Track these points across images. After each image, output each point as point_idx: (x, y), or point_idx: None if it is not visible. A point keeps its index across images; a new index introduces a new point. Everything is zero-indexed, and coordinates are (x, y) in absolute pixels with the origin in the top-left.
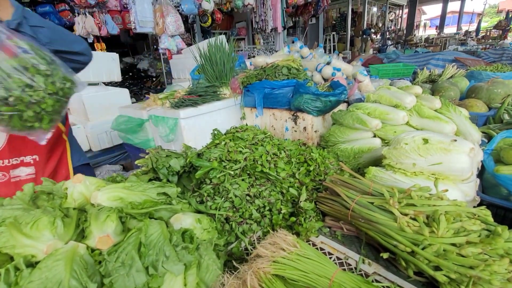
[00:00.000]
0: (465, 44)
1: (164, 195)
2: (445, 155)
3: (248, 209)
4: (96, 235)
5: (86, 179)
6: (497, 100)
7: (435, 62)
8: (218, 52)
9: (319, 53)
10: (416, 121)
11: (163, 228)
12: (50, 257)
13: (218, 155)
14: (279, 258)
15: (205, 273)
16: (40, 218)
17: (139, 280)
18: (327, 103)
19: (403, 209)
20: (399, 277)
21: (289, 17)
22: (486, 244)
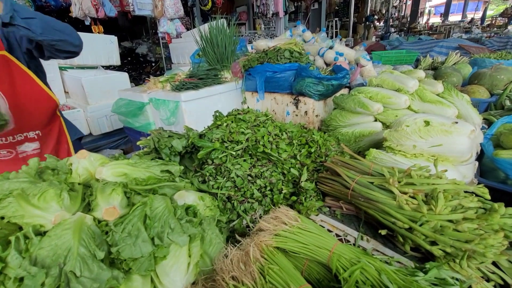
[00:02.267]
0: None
1: (167, 172)
2: (445, 137)
3: (249, 189)
4: (103, 206)
5: (90, 155)
6: (499, 86)
7: (438, 50)
8: (220, 34)
9: (321, 38)
10: (418, 105)
11: (168, 203)
12: (59, 226)
13: (220, 136)
14: (280, 232)
15: (209, 246)
16: (47, 190)
17: (145, 249)
18: (329, 87)
19: (402, 188)
20: (396, 252)
21: (291, 2)
22: (482, 220)
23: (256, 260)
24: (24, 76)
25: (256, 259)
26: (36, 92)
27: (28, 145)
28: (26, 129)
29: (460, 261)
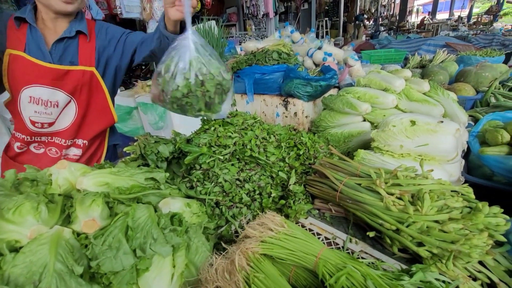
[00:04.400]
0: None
1: (152, 180)
2: (431, 136)
3: (238, 193)
4: (82, 219)
5: (71, 165)
6: (484, 83)
7: (426, 48)
8: (207, 37)
9: (310, 38)
10: (405, 104)
11: (151, 212)
12: (34, 241)
13: (207, 140)
14: (267, 238)
15: (195, 255)
16: (23, 203)
17: (126, 262)
18: (317, 88)
19: (389, 189)
20: (384, 254)
21: (281, 2)
22: (467, 219)
23: (241, 268)
24: (100, 92)
25: (241, 267)
26: (103, 109)
27: (73, 149)
28: (79, 136)
29: (446, 262)
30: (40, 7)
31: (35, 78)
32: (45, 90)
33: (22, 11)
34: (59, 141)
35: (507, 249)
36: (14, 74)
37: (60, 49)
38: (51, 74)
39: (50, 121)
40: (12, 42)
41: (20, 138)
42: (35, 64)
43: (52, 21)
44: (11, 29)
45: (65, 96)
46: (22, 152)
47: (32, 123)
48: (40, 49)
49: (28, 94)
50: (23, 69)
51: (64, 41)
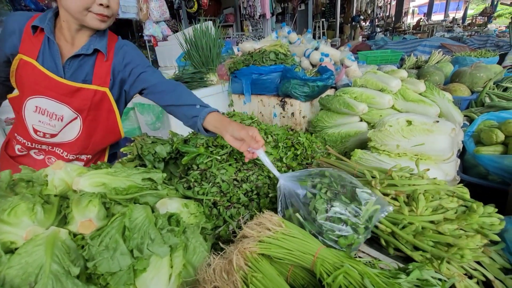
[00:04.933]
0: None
1: (149, 180)
2: (427, 136)
3: (235, 194)
4: (78, 220)
5: (67, 165)
6: (479, 84)
7: (422, 49)
8: (204, 37)
9: (307, 39)
10: (401, 104)
11: (148, 212)
12: (30, 242)
13: (204, 140)
14: (264, 238)
15: (192, 255)
16: (18, 204)
17: (123, 262)
18: (314, 88)
19: (384, 189)
20: (381, 253)
21: (278, 3)
22: (462, 220)
23: (239, 268)
24: (110, 112)
25: (239, 267)
26: (112, 128)
27: (75, 162)
28: (84, 152)
29: (440, 265)
30: (65, 17)
31: (44, 89)
32: (51, 103)
33: (41, 19)
34: (61, 153)
35: (502, 247)
36: (21, 80)
37: (75, 65)
38: (60, 89)
39: (52, 132)
40: (25, 47)
41: (21, 142)
42: (46, 76)
43: (72, 34)
44: (27, 33)
45: (71, 112)
46: (22, 155)
47: (34, 131)
48: (54, 62)
49: (35, 103)
50: (33, 78)
51: (80, 57)
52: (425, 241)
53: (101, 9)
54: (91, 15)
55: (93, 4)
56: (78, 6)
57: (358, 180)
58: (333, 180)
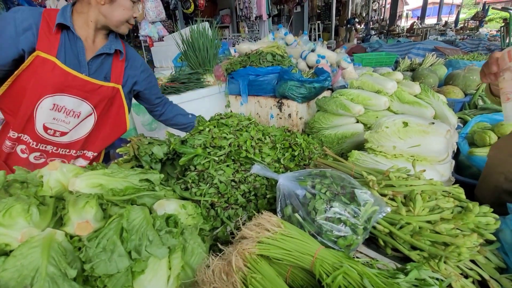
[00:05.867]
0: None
1: (146, 181)
2: (423, 137)
3: (233, 195)
4: (75, 221)
5: (62, 166)
6: (472, 86)
7: (416, 51)
8: (201, 37)
9: (303, 41)
10: (397, 106)
11: (146, 214)
12: (25, 244)
13: (202, 141)
14: (263, 239)
15: (190, 257)
16: (13, 205)
17: (121, 264)
18: (311, 90)
19: (382, 190)
20: (379, 253)
21: (274, 5)
22: (458, 219)
23: (238, 269)
24: (120, 108)
25: (238, 268)
26: (119, 121)
27: (80, 160)
28: (90, 148)
29: (438, 263)
30: (95, 19)
31: (67, 87)
32: (72, 100)
33: (63, 17)
34: (67, 152)
35: (497, 247)
36: (38, 77)
37: (97, 63)
38: (85, 87)
39: (64, 130)
40: (43, 44)
41: (27, 141)
42: (69, 74)
43: (93, 32)
44: (43, 29)
45: (89, 107)
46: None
47: (44, 129)
48: (78, 59)
49: (53, 101)
50: (54, 77)
51: (103, 56)
52: (423, 240)
53: (134, 20)
54: (126, 25)
55: (131, 17)
56: (123, 18)
57: (355, 180)
58: (333, 181)
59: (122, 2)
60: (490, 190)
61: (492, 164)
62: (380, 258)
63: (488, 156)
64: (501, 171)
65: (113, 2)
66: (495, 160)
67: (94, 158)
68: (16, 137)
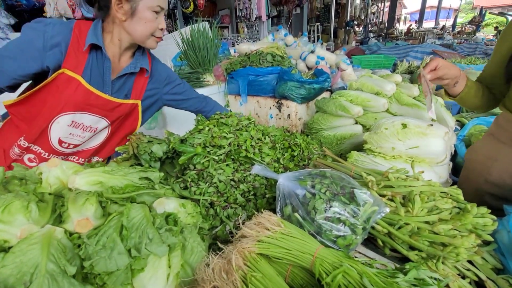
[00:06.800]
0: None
1: (146, 179)
2: (422, 139)
3: (232, 194)
4: (75, 218)
5: (62, 163)
6: None
7: (414, 54)
8: (201, 37)
9: (303, 42)
10: (395, 108)
11: (146, 212)
12: (25, 241)
13: (202, 140)
14: (263, 238)
15: (190, 255)
16: (12, 202)
17: (121, 262)
18: (311, 90)
19: (381, 190)
20: (377, 253)
21: (273, 6)
22: (456, 220)
23: (238, 268)
24: (135, 120)
25: (238, 267)
26: (130, 133)
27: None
28: (98, 155)
29: (436, 263)
30: (120, 36)
31: (89, 106)
32: (92, 118)
33: (95, 36)
34: (76, 160)
35: (494, 247)
36: (60, 94)
37: (121, 82)
38: (106, 106)
39: (78, 143)
40: (70, 62)
41: (38, 152)
42: (92, 93)
43: (121, 51)
44: (72, 47)
45: (106, 123)
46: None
47: (59, 143)
48: (103, 78)
49: (73, 119)
50: (77, 95)
51: (127, 75)
52: (421, 241)
53: (161, 33)
54: (153, 38)
55: (157, 29)
56: (147, 32)
57: (355, 181)
58: (333, 181)
59: (143, 15)
60: (471, 193)
61: (470, 167)
62: (378, 258)
63: (465, 160)
64: (481, 174)
65: (134, 16)
66: (474, 163)
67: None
68: (26, 146)
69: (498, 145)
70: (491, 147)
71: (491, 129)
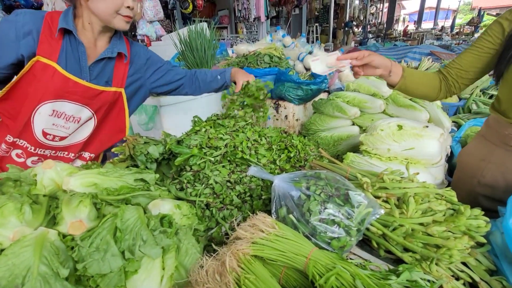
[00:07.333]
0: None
1: (141, 181)
2: (417, 140)
3: (228, 195)
4: (68, 220)
5: (57, 165)
6: (466, 91)
7: (412, 55)
8: (199, 38)
9: (301, 43)
10: (392, 109)
11: (140, 213)
12: (17, 243)
13: (198, 142)
14: (258, 239)
15: (184, 257)
16: (5, 204)
17: (114, 264)
18: (308, 92)
19: (376, 192)
20: (372, 255)
21: (272, 7)
22: (450, 222)
23: (232, 270)
24: (121, 111)
25: (232, 269)
26: (120, 128)
27: (78, 162)
28: (88, 150)
29: (429, 265)
30: (90, 19)
31: (67, 93)
32: (73, 106)
33: (65, 21)
34: (65, 155)
35: (488, 249)
36: (38, 83)
37: (99, 67)
38: (85, 92)
39: (64, 135)
40: (44, 49)
41: (24, 146)
42: (70, 80)
43: (95, 35)
44: (45, 34)
45: (89, 113)
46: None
47: (43, 135)
48: (79, 64)
49: (53, 107)
50: (54, 83)
51: (104, 60)
52: (415, 242)
53: (128, 11)
54: (119, 17)
55: (122, 7)
56: (109, 9)
57: (350, 182)
58: (328, 183)
59: None
60: (464, 195)
61: (463, 169)
62: (373, 260)
63: (458, 162)
64: (474, 176)
65: None
66: (467, 165)
67: (92, 159)
68: (11, 141)
69: (490, 147)
70: (484, 149)
71: (482, 130)
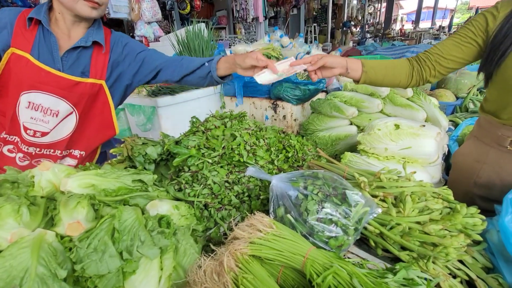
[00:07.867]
0: (438, 38)
1: (140, 182)
2: (414, 139)
3: (227, 196)
4: (66, 221)
5: (54, 166)
6: (463, 90)
7: (410, 55)
8: (197, 38)
9: (299, 43)
10: (389, 109)
11: (138, 214)
12: (15, 245)
13: (196, 142)
14: (255, 239)
15: (183, 257)
16: (3, 206)
17: (112, 265)
18: (306, 92)
19: (373, 191)
20: (370, 254)
21: (271, 7)
22: (446, 220)
23: (230, 269)
24: (105, 106)
25: (230, 268)
26: (106, 122)
27: (68, 160)
28: (77, 147)
29: (426, 263)
30: (59, 9)
31: (40, 84)
32: (48, 97)
33: (37, 12)
34: (52, 153)
35: (484, 247)
36: (14, 75)
37: (73, 57)
38: (59, 83)
39: (44, 130)
40: (18, 41)
41: (15, 141)
42: (42, 70)
43: (68, 26)
44: (19, 27)
45: (67, 106)
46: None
47: (24, 129)
48: (52, 55)
49: (28, 99)
50: (27, 73)
51: (78, 50)
52: (412, 241)
53: None
54: (81, 2)
55: None
56: None
57: (348, 182)
58: (325, 182)
59: None
60: (460, 195)
61: (459, 171)
62: (371, 259)
63: (453, 163)
64: (469, 177)
65: None
66: (462, 166)
67: (84, 158)
68: (2, 137)
69: (484, 148)
70: (478, 150)
71: (474, 131)
